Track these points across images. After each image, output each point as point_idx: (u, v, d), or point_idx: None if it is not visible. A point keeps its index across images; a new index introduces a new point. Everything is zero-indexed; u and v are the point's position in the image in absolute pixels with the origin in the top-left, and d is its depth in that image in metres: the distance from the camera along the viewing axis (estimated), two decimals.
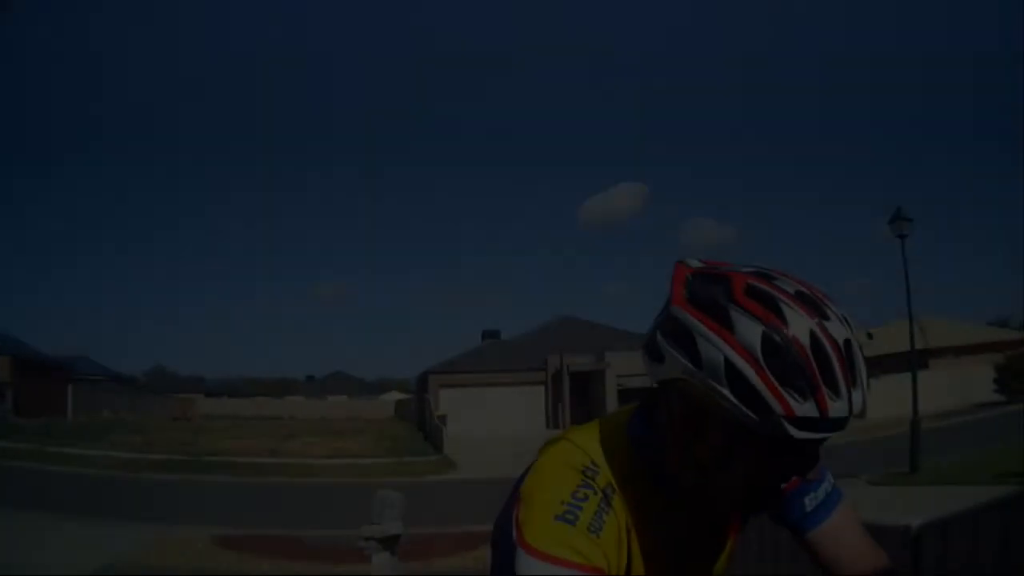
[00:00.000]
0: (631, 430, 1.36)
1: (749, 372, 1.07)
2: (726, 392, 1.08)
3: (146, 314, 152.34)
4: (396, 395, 67.55)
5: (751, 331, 1.08)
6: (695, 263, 1.23)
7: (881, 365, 49.22)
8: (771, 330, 1.08)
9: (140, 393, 61.80)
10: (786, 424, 1.06)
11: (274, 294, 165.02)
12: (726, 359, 1.08)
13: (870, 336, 57.26)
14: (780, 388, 1.06)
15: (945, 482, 14.80)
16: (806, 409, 1.05)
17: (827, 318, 1.11)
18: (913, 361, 19.90)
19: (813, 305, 1.11)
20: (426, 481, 20.66)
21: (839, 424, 1.08)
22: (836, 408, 1.06)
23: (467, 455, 27.00)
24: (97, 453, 24.32)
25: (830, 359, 1.08)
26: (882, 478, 16.62)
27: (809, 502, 1.46)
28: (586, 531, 1.20)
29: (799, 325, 1.08)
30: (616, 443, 1.34)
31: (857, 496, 1.24)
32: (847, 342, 1.10)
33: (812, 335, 1.08)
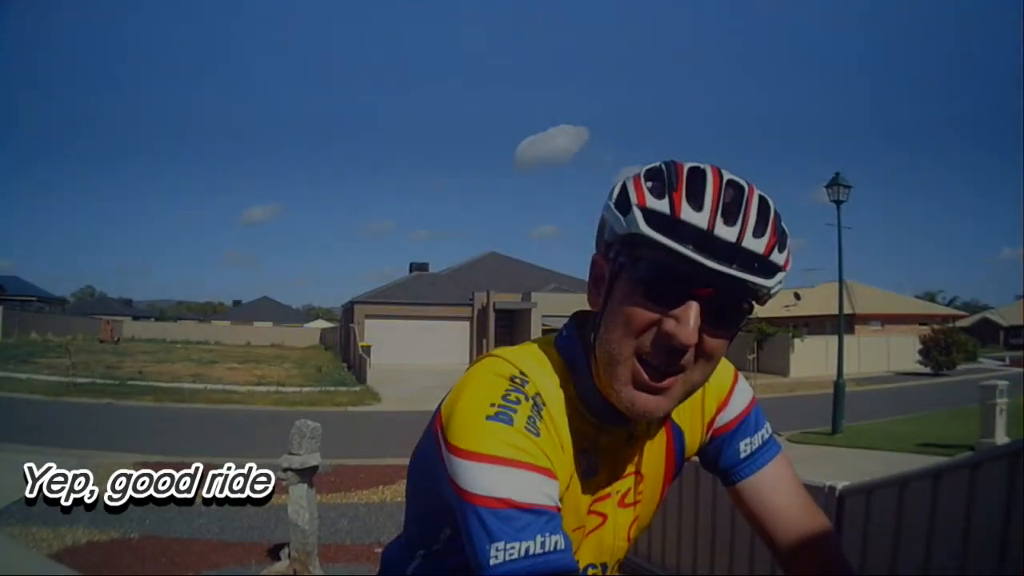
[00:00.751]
0: (559, 343, 1.31)
1: (629, 184, 1.11)
2: (612, 204, 1.13)
3: (77, 235, 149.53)
4: (322, 324, 67.19)
5: (652, 167, 1.13)
6: None
7: (808, 326, 50.38)
8: (665, 163, 1.12)
9: (68, 315, 60.86)
10: (637, 212, 1.07)
11: (204, 217, 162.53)
12: (623, 182, 1.13)
13: (798, 297, 58.31)
14: (645, 187, 1.09)
15: (866, 446, 15.07)
16: (659, 204, 1.06)
17: (735, 183, 1.11)
18: (840, 324, 19.90)
19: (726, 177, 1.11)
20: (348, 412, 20.64)
21: (697, 236, 1.05)
22: (690, 215, 1.05)
23: (390, 387, 26.88)
24: (22, 376, 24.00)
25: (704, 184, 1.08)
26: (803, 437, 16.63)
27: (744, 447, 1.43)
28: (524, 431, 1.12)
29: (694, 165, 1.11)
30: (545, 358, 1.28)
31: None
32: (735, 185, 1.09)
33: (696, 169, 1.10)
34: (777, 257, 1.09)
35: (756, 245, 1.06)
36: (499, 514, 1.04)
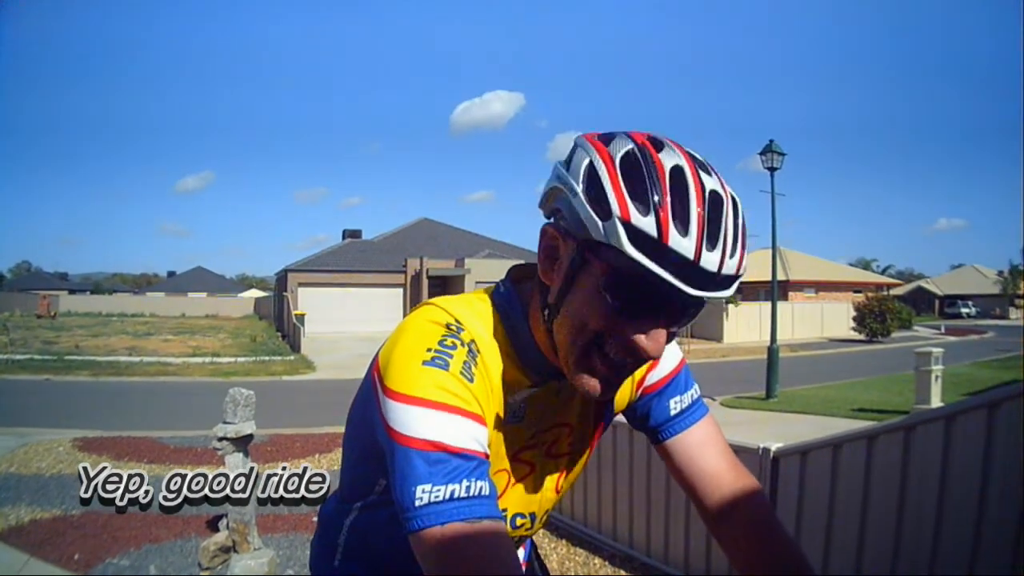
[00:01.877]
0: (495, 297, 1.31)
1: (604, 173, 1.06)
2: (580, 188, 1.08)
3: (12, 210, 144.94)
4: (256, 293, 66.38)
5: (621, 146, 1.08)
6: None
7: (742, 293, 50.68)
8: (640, 149, 1.07)
9: (5, 290, 59.67)
10: (621, 229, 1.03)
11: (138, 187, 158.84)
12: (590, 161, 1.08)
13: None
14: (625, 193, 1.04)
15: (800, 410, 14.85)
16: (645, 223, 1.02)
17: (707, 172, 1.08)
18: (773, 291, 19.72)
19: (694, 156, 1.10)
20: (283, 381, 20.53)
21: (683, 267, 1.03)
22: (678, 242, 1.02)
23: (324, 355, 26.77)
24: None
25: (689, 197, 1.04)
26: (737, 401, 16.41)
27: (674, 405, 1.44)
28: (459, 375, 1.13)
29: (670, 157, 1.07)
30: (481, 308, 1.29)
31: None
32: (715, 195, 1.06)
33: (677, 168, 1.06)
34: (742, 269, 1.09)
35: (731, 267, 1.06)
36: (428, 456, 1.06)
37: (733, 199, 1.09)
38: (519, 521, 1.39)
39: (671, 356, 1.46)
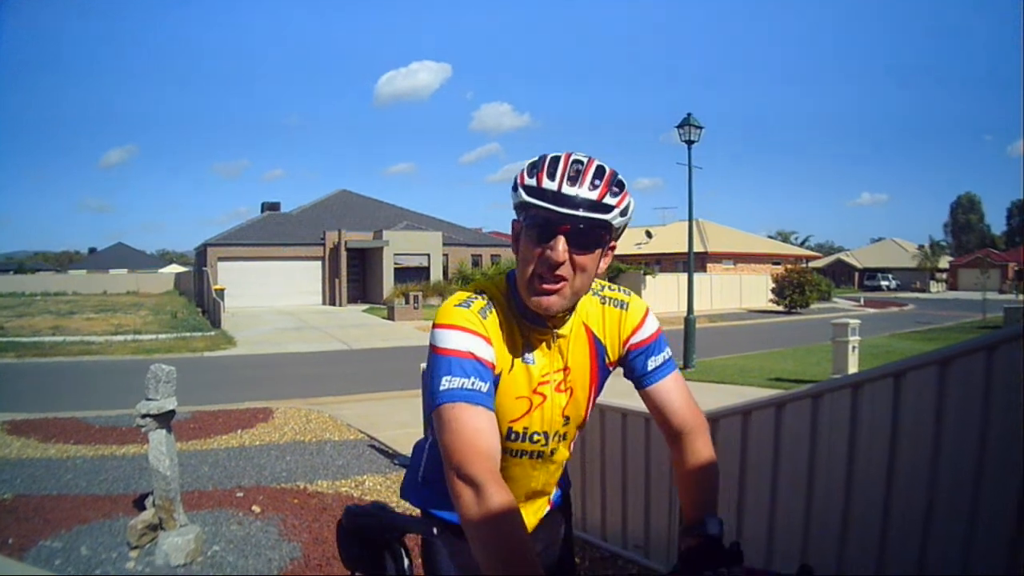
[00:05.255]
0: (508, 275, 1.85)
1: (519, 172, 1.68)
2: (512, 185, 1.69)
3: None
4: (176, 268, 64.55)
5: (533, 160, 1.68)
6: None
7: (661, 264, 50.87)
8: (541, 156, 1.66)
9: None
10: (521, 190, 1.64)
11: (61, 161, 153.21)
12: (518, 175, 1.68)
13: (649, 235, 58.29)
14: (525, 173, 1.65)
15: (717, 380, 14.94)
16: (531, 181, 1.62)
17: (584, 157, 1.64)
18: (690, 261, 19.67)
19: (572, 154, 1.65)
20: (204, 357, 20.33)
21: (553, 197, 1.59)
22: (547, 183, 1.59)
23: (244, 330, 26.50)
24: None
25: (558, 164, 1.61)
26: None
27: (651, 363, 1.90)
28: (477, 312, 1.71)
29: (553, 154, 1.65)
30: (497, 282, 1.84)
31: (631, 386, 2.01)
32: (577, 161, 1.62)
33: (555, 156, 1.64)
34: (610, 200, 1.61)
35: (590, 194, 1.59)
36: (450, 359, 1.62)
37: (600, 166, 1.64)
38: (536, 437, 1.87)
39: (651, 323, 1.94)
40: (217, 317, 29.54)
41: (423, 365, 7.97)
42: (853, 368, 13.79)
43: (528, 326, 1.78)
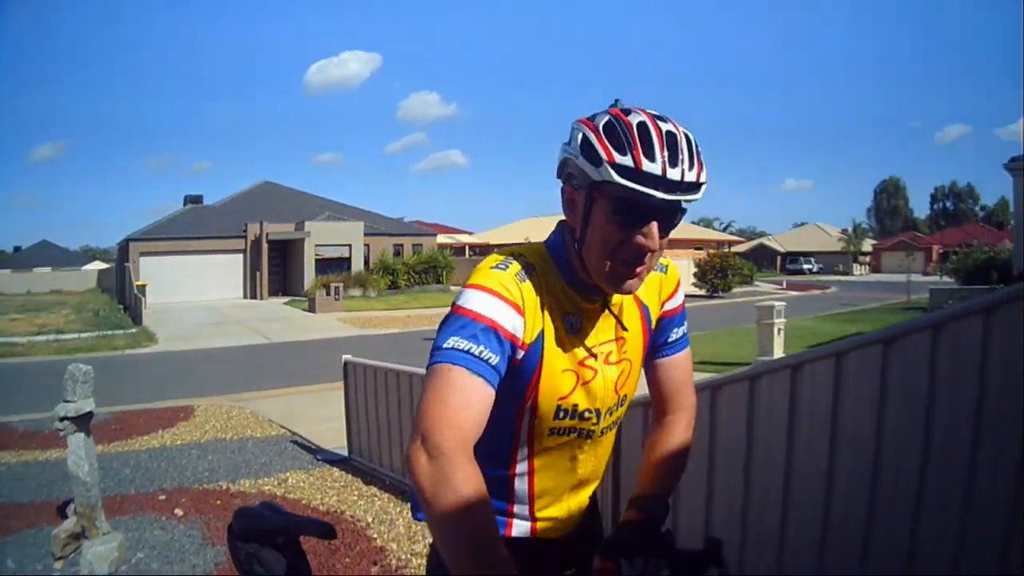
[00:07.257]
0: (548, 242, 1.65)
1: (592, 138, 1.43)
2: (577, 152, 1.46)
3: None
4: (99, 265, 62.71)
5: (601, 118, 1.45)
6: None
7: None
8: (614, 117, 1.44)
9: None
10: (610, 168, 1.39)
11: None
12: (582, 134, 1.46)
13: None
14: (609, 145, 1.40)
15: None
16: (624, 160, 1.38)
17: (663, 120, 1.44)
18: None
19: (654, 114, 1.45)
20: (125, 355, 19.82)
21: (655, 181, 1.38)
22: (648, 166, 1.37)
23: (166, 326, 25.88)
24: None
25: (651, 138, 1.39)
26: None
27: (674, 333, 1.79)
28: (514, 276, 1.49)
29: (635, 117, 1.43)
30: (537, 247, 1.64)
31: None
32: (671, 134, 1.41)
33: (642, 123, 1.41)
34: (703, 178, 1.43)
35: (691, 176, 1.40)
36: (464, 320, 1.41)
37: (686, 135, 1.44)
38: (587, 415, 1.64)
39: (680, 293, 1.82)
40: (139, 314, 28.83)
41: (345, 357, 8.34)
42: (779, 349, 14.07)
43: (575, 295, 1.61)
